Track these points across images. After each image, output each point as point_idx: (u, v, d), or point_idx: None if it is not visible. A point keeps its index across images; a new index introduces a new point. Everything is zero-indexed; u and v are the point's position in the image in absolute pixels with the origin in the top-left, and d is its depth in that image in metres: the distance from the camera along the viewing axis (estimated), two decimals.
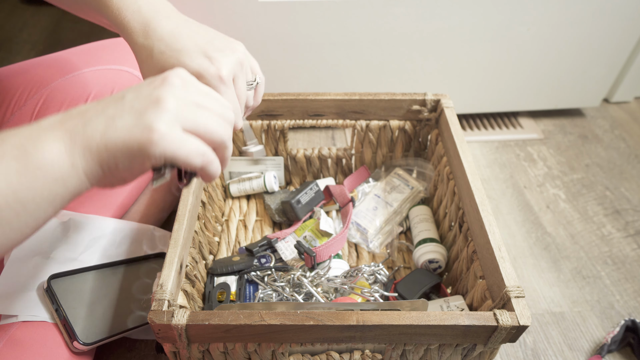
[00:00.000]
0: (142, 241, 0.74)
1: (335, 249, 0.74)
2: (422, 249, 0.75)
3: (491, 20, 0.98)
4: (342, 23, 0.94)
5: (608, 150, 1.14)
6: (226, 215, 0.87)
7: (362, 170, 0.89)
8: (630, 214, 0.98)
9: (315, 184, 0.84)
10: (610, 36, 1.05)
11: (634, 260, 0.88)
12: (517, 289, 0.53)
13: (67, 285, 0.62)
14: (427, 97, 0.79)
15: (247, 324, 0.49)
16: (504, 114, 1.22)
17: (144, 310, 0.67)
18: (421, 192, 0.85)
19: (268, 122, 0.82)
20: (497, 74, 1.08)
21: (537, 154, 1.12)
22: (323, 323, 0.49)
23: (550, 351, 0.74)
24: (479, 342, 0.53)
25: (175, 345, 0.53)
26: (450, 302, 0.66)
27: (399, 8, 0.93)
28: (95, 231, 0.67)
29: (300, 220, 0.82)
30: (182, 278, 0.60)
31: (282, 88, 1.03)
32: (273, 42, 0.95)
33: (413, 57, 1.02)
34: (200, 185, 0.70)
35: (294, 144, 1.10)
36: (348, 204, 0.82)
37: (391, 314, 0.50)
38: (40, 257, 0.62)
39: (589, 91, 1.17)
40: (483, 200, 0.63)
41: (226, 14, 0.90)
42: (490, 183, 1.04)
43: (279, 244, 0.79)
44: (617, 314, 0.80)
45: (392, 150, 0.88)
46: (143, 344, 0.72)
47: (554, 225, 0.95)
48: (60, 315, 0.58)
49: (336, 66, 1.01)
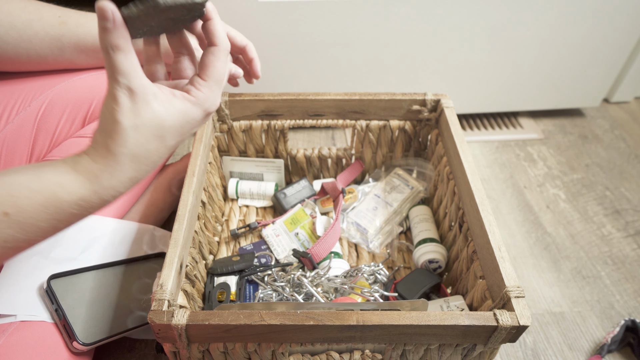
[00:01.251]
0: (142, 241, 0.74)
1: (330, 244, 0.74)
2: (422, 249, 0.75)
3: (491, 20, 0.98)
4: (342, 23, 0.94)
5: (608, 150, 1.14)
6: (226, 215, 0.87)
7: (355, 165, 0.89)
8: (630, 214, 0.98)
9: (305, 180, 0.87)
10: (610, 36, 1.05)
11: (634, 260, 0.88)
12: (517, 289, 0.53)
13: (67, 285, 0.62)
14: (427, 97, 0.79)
15: (247, 324, 0.49)
16: (504, 114, 1.22)
17: (144, 310, 0.67)
18: (421, 192, 0.85)
19: (268, 122, 0.82)
20: (497, 74, 1.08)
21: (537, 154, 1.12)
22: (323, 323, 0.49)
23: (550, 351, 0.74)
24: (479, 342, 0.53)
25: (175, 345, 0.53)
26: (450, 302, 0.65)
27: (399, 8, 0.93)
28: (95, 231, 0.67)
29: (286, 211, 0.83)
30: (182, 278, 0.59)
31: (282, 88, 1.03)
32: (273, 42, 0.95)
33: (413, 57, 1.02)
34: (200, 185, 0.70)
35: (294, 144, 1.10)
36: (339, 196, 0.82)
37: (391, 314, 0.50)
38: (40, 256, 0.62)
39: (589, 91, 1.17)
40: (483, 200, 0.63)
41: (226, 14, 0.90)
42: (490, 183, 1.04)
43: (269, 238, 0.80)
44: (617, 314, 0.80)
45: (392, 150, 0.88)
46: (143, 344, 0.72)
47: (554, 225, 0.95)
48: (60, 316, 0.58)
49: (336, 66, 1.01)
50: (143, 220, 0.77)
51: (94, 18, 0.65)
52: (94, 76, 0.67)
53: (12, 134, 0.63)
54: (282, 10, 0.91)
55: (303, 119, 0.82)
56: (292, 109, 0.81)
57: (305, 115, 0.82)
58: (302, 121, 0.82)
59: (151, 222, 0.79)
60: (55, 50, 0.64)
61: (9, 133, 0.62)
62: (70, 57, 0.65)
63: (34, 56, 0.63)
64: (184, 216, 0.60)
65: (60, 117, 0.64)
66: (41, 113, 0.63)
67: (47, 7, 0.63)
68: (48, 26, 0.62)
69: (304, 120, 0.82)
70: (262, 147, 0.86)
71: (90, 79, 0.67)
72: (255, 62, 0.74)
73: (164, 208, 0.82)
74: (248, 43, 0.73)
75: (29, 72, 0.66)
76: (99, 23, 0.36)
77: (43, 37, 0.62)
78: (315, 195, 0.87)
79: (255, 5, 0.89)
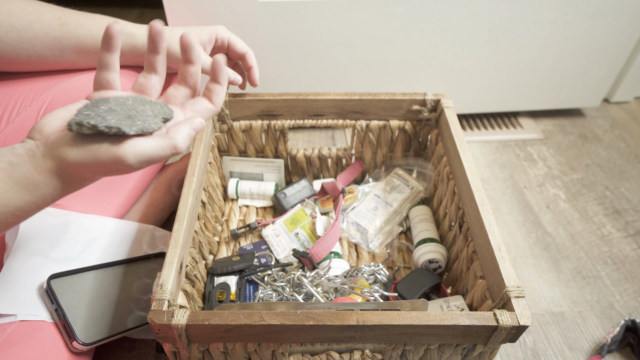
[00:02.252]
0: (142, 241, 0.74)
1: (330, 244, 0.74)
2: (422, 249, 0.75)
3: (491, 20, 0.98)
4: (342, 23, 0.94)
5: (608, 150, 1.14)
6: (226, 215, 0.87)
7: (355, 165, 0.89)
8: (630, 214, 0.98)
9: (305, 180, 0.87)
10: (610, 36, 1.05)
11: (634, 260, 0.88)
12: (517, 289, 0.53)
13: (67, 285, 0.62)
14: (427, 97, 0.79)
15: (247, 324, 0.49)
16: (504, 114, 1.22)
17: (144, 310, 0.67)
18: (421, 192, 0.85)
19: (268, 122, 0.82)
20: (497, 74, 1.08)
21: (537, 154, 1.12)
22: (323, 323, 0.49)
23: (550, 351, 0.74)
24: (479, 342, 0.53)
25: (175, 345, 0.53)
26: (450, 302, 0.66)
27: (399, 8, 0.93)
28: (95, 231, 0.67)
29: (286, 211, 0.83)
30: (182, 278, 0.60)
31: (282, 88, 1.03)
32: (273, 42, 0.95)
33: (413, 57, 1.02)
34: (200, 185, 0.70)
35: (294, 144, 1.10)
36: (339, 196, 0.82)
37: (391, 314, 0.50)
38: (40, 256, 0.62)
39: (589, 91, 1.17)
40: (483, 200, 0.63)
41: (226, 14, 0.90)
42: (490, 183, 1.04)
43: (269, 238, 0.80)
44: (617, 314, 0.80)
45: (392, 150, 0.88)
46: (143, 344, 0.72)
47: (554, 225, 0.95)
48: (60, 315, 0.58)
49: (336, 66, 1.01)
50: (143, 220, 0.77)
51: (94, 19, 0.65)
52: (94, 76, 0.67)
53: (12, 134, 0.62)
54: (282, 10, 0.91)
55: (303, 119, 0.82)
56: (292, 109, 0.81)
57: (305, 115, 0.82)
58: (302, 121, 0.82)
59: (151, 222, 0.79)
60: (56, 52, 0.64)
61: (10, 133, 0.62)
62: (70, 58, 0.65)
63: (34, 57, 0.63)
64: (184, 216, 0.60)
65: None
66: (41, 113, 0.63)
67: (46, 8, 0.63)
68: (48, 27, 0.62)
69: (304, 120, 0.82)
70: (262, 147, 0.86)
71: (90, 79, 0.67)
72: (254, 71, 0.75)
73: (164, 208, 0.83)
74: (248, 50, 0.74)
75: (29, 73, 0.66)
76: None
77: (43, 38, 0.62)
78: (315, 195, 0.88)
79: (255, 5, 0.90)
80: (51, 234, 0.63)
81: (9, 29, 0.60)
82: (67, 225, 0.65)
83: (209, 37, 0.71)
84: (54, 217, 0.63)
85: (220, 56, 0.51)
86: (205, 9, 0.89)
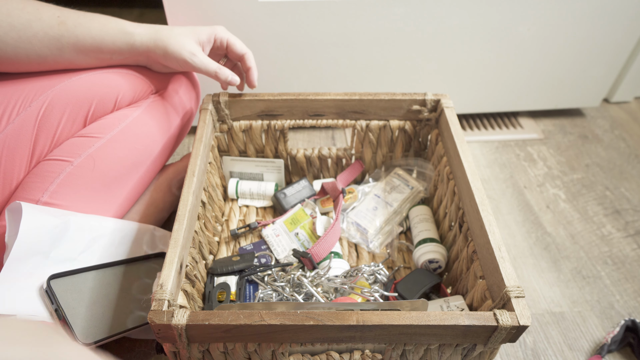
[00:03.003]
0: (142, 241, 0.74)
1: (330, 244, 0.74)
2: (422, 249, 0.75)
3: (491, 20, 0.98)
4: (342, 23, 0.94)
5: (608, 150, 1.14)
6: (226, 215, 0.87)
7: (355, 165, 0.89)
8: (630, 214, 0.98)
9: (305, 180, 0.87)
10: (610, 36, 1.05)
11: (634, 260, 0.88)
12: (517, 289, 0.53)
13: (67, 285, 0.62)
14: (427, 97, 0.79)
15: (247, 324, 0.49)
16: (504, 114, 1.22)
17: (144, 310, 0.67)
18: (421, 192, 0.85)
19: (268, 122, 0.82)
20: (497, 74, 1.08)
21: (537, 154, 1.12)
22: (323, 323, 0.49)
23: (550, 351, 0.74)
24: (479, 342, 0.53)
25: (175, 345, 0.53)
26: (450, 302, 0.66)
27: (399, 8, 0.93)
28: (95, 231, 0.67)
29: (286, 211, 0.83)
30: (182, 278, 0.60)
31: (282, 88, 1.03)
32: (273, 42, 0.95)
33: (413, 57, 1.02)
34: (200, 185, 0.70)
35: (294, 144, 1.10)
36: (339, 196, 0.82)
37: (391, 314, 0.50)
38: (40, 256, 0.62)
39: (589, 91, 1.17)
40: (483, 200, 0.63)
41: (226, 14, 0.90)
42: (490, 183, 1.04)
43: (269, 238, 0.80)
44: (617, 314, 0.80)
45: (392, 150, 0.88)
46: (143, 344, 0.72)
47: (554, 225, 0.95)
48: (60, 316, 0.58)
49: (336, 66, 1.01)
50: (143, 220, 0.77)
51: (93, 18, 0.65)
52: (93, 76, 0.67)
53: (12, 134, 0.63)
54: (282, 10, 0.91)
55: (303, 119, 0.82)
56: (292, 109, 0.81)
57: (305, 115, 0.82)
58: (302, 121, 0.82)
59: (151, 222, 0.79)
60: (55, 51, 0.64)
61: (10, 134, 0.62)
62: (70, 57, 0.65)
63: (33, 57, 0.63)
64: (184, 216, 0.60)
65: (61, 117, 0.64)
66: (42, 113, 0.63)
67: (45, 8, 0.63)
68: (47, 26, 0.62)
69: (304, 120, 0.82)
70: (262, 147, 0.86)
71: (90, 78, 0.67)
72: (253, 72, 0.75)
73: (164, 208, 0.82)
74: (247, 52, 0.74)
75: (29, 73, 0.66)
76: None
77: (42, 37, 0.62)
78: (315, 195, 0.88)
79: (255, 5, 0.90)
80: (51, 234, 0.63)
81: (9, 29, 0.60)
82: (67, 226, 0.65)
83: (207, 37, 0.71)
84: (54, 217, 0.63)
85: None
86: (205, 9, 0.89)
